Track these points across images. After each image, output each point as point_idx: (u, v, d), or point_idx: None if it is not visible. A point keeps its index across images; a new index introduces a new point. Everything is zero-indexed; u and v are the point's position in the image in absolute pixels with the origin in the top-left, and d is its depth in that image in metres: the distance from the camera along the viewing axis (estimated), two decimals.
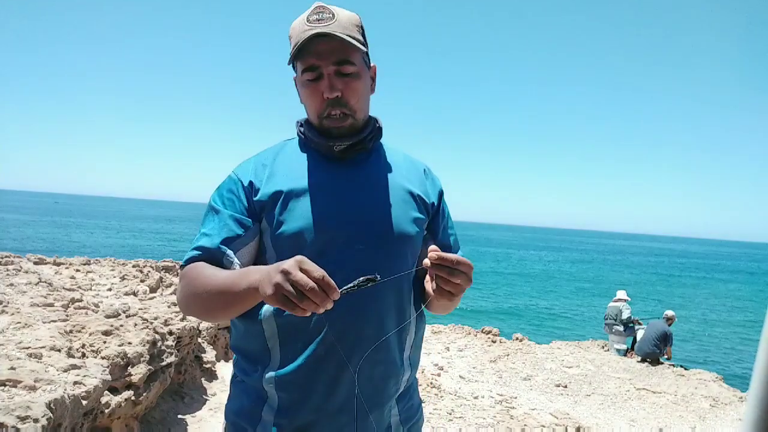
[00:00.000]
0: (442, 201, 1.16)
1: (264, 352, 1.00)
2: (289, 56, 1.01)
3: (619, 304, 8.11)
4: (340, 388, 0.97)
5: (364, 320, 0.97)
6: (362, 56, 1.03)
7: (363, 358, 0.96)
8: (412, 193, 1.08)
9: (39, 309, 2.83)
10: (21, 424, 1.59)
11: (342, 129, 1.01)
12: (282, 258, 0.94)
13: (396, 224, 1.02)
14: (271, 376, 0.99)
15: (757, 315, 21.25)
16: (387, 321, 1.00)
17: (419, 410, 1.15)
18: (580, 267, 44.29)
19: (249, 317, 1.02)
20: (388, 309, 1.00)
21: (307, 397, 0.97)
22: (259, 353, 1.01)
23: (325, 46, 0.96)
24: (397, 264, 1.01)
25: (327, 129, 1.01)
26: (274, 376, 0.98)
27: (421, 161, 1.18)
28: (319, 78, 0.98)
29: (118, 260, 5.66)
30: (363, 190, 1.04)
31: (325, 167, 1.04)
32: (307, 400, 0.97)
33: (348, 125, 1.01)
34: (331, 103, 0.99)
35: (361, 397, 0.98)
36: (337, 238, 0.98)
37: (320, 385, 0.97)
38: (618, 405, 5.04)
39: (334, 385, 0.97)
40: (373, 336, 0.97)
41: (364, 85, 1.03)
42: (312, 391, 0.97)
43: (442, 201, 1.16)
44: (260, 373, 1.00)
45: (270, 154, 1.08)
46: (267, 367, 1.00)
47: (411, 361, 1.09)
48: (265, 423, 1.00)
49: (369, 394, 0.99)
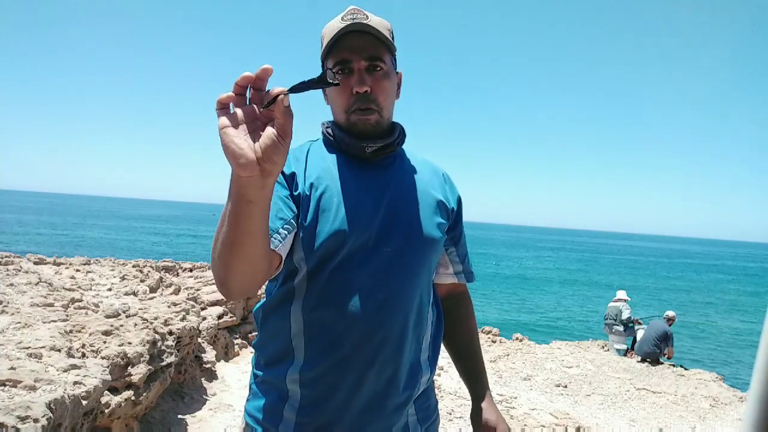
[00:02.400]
0: (460, 207, 1.17)
1: (288, 350, 1.01)
2: (321, 54, 1.02)
3: (619, 304, 8.11)
4: (364, 388, 0.98)
5: (391, 320, 0.98)
6: (392, 58, 1.04)
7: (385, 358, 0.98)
8: (435, 197, 1.09)
9: (39, 309, 2.83)
10: (21, 424, 1.59)
11: (368, 124, 1.00)
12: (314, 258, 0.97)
13: (423, 228, 1.03)
14: (295, 373, 0.99)
15: (757, 315, 21.26)
16: (409, 322, 1.01)
17: (436, 410, 1.17)
18: (580, 267, 44.30)
19: (277, 314, 1.03)
20: (409, 310, 1.01)
21: (331, 395, 0.98)
22: (283, 351, 1.01)
23: (358, 41, 0.98)
24: (422, 267, 1.03)
25: (353, 124, 1.01)
26: (298, 373, 0.99)
27: (440, 167, 1.19)
28: (349, 73, 0.99)
29: (118, 260, 5.66)
30: (392, 193, 1.04)
31: (354, 169, 1.04)
32: (330, 398, 0.98)
33: (374, 121, 1.01)
34: (360, 99, 0.99)
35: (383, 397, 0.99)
36: (367, 240, 0.98)
37: (345, 383, 0.97)
38: (618, 405, 5.04)
39: (358, 385, 0.97)
40: (397, 336, 0.99)
41: (392, 85, 1.04)
42: (336, 389, 0.98)
43: (460, 207, 1.17)
44: (284, 371, 1.00)
45: (301, 152, 1.07)
46: (291, 365, 1.00)
47: (430, 362, 1.10)
48: (287, 421, 1.00)
49: (389, 394, 1.00)
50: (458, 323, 1.24)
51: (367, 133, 1.02)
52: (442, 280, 1.21)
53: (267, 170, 0.65)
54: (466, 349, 1.23)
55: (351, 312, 0.96)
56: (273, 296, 1.05)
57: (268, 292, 1.07)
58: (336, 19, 1.00)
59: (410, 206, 1.04)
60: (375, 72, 1.00)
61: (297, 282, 1.00)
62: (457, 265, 1.20)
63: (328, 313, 0.97)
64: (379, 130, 1.03)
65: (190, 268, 5.97)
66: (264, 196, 0.70)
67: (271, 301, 1.05)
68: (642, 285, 30.76)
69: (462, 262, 1.21)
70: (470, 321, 1.27)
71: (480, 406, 1.16)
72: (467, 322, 1.26)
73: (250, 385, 1.11)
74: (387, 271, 0.98)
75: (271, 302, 1.05)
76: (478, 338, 1.27)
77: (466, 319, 1.26)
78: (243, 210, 0.70)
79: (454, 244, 1.18)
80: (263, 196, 0.70)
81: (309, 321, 0.98)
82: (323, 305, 0.97)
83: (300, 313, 0.99)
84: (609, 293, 12.61)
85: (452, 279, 1.21)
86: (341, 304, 0.96)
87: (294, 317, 1.00)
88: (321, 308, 0.97)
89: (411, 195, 1.06)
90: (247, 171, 0.64)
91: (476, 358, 1.23)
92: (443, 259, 1.18)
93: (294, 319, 1.00)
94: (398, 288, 0.99)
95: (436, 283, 1.20)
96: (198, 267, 6.00)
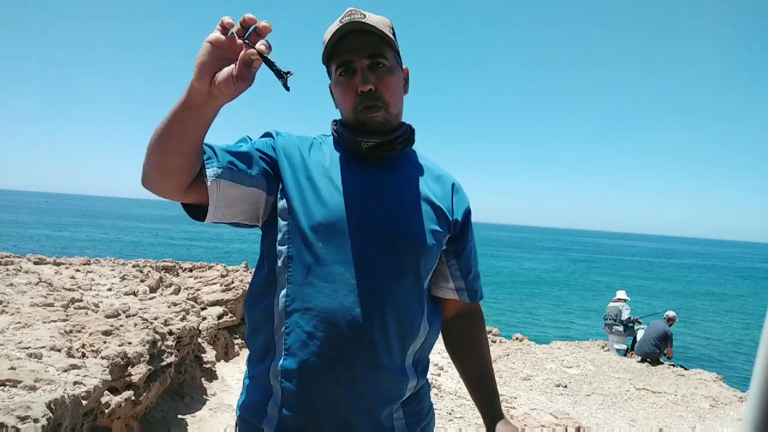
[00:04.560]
0: (468, 219, 1.14)
1: (271, 344, 1.01)
2: (323, 58, 1.03)
3: (619, 304, 8.11)
4: (342, 387, 0.97)
5: (371, 321, 0.97)
6: (394, 54, 1.04)
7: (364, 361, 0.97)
8: (434, 204, 1.07)
9: (39, 309, 2.83)
10: (21, 424, 1.60)
11: (375, 120, 1.00)
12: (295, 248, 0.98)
13: (412, 234, 1.02)
14: (276, 368, 0.99)
15: (756, 315, 21.26)
16: (391, 326, 1.00)
17: (430, 413, 1.15)
18: (580, 267, 44.30)
19: (259, 307, 1.03)
20: (391, 314, 1.00)
21: (310, 392, 0.97)
22: (267, 345, 1.01)
23: (358, 40, 0.98)
24: (407, 271, 1.01)
25: (361, 122, 1.01)
26: (279, 368, 0.98)
27: (451, 175, 1.16)
28: (352, 73, 0.99)
29: (118, 260, 5.66)
30: (387, 194, 1.03)
31: (352, 167, 1.04)
32: (309, 396, 0.97)
33: (382, 117, 1.00)
34: (365, 97, 0.99)
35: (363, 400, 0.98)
36: (352, 239, 0.97)
37: (323, 381, 0.97)
38: (618, 405, 5.04)
39: (336, 383, 0.97)
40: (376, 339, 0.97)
41: (397, 81, 1.03)
42: (315, 387, 0.97)
43: (468, 219, 1.14)
44: (268, 366, 1.00)
45: (308, 141, 1.08)
46: (273, 359, 1.00)
47: (416, 368, 1.08)
48: (271, 418, 1.00)
49: (369, 395, 0.99)
50: (469, 347, 1.19)
51: (376, 131, 1.01)
52: (443, 294, 1.16)
53: (213, 94, 0.77)
54: (476, 373, 1.18)
55: (329, 310, 0.95)
56: (256, 285, 1.05)
57: (253, 281, 1.07)
58: (335, 22, 1.00)
59: (404, 210, 1.03)
60: (378, 69, 1.00)
61: (278, 271, 1.00)
62: (458, 281, 1.14)
63: (306, 309, 0.96)
64: (388, 127, 1.03)
65: (190, 268, 5.97)
66: (203, 112, 0.80)
67: (254, 291, 1.05)
68: (642, 285, 30.76)
69: (464, 278, 1.14)
70: (481, 345, 1.20)
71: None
72: (478, 347, 1.20)
73: (243, 380, 1.12)
74: (370, 273, 0.97)
75: (254, 292, 1.05)
76: (490, 363, 1.21)
77: (476, 344, 1.20)
78: (181, 111, 0.80)
79: (455, 257, 1.13)
80: (202, 112, 0.80)
81: (289, 316, 0.98)
82: (302, 301, 0.97)
83: (282, 308, 0.99)
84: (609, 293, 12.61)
85: (453, 295, 1.15)
86: (319, 302, 0.96)
87: (276, 311, 1.00)
88: (300, 304, 0.97)
89: (408, 199, 1.04)
90: (201, 84, 0.76)
91: (487, 383, 1.17)
92: (443, 271, 1.13)
93: (276, 313, 1.00)
94: (380, 290, 0.97)
95: (440, 298, 1.16)
96: (198, 267, 6.00)
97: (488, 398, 1.16)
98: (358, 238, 0.98)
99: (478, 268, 1.20)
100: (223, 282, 5.12)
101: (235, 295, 4.92)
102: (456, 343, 1.21)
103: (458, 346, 1.21)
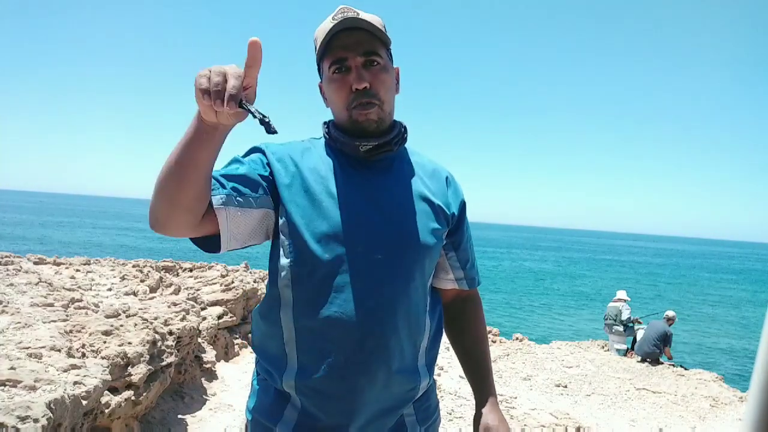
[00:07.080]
0: (463, 211, 1.15)
1: (282, 356, 1.00)
2: (316, 57, 1.02)
3: (619, 304, 8.11)
4: (359, 396, 0.97)
5: (383, 328, 0.97)
6: (387, 52, 1.03)
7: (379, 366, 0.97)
8: (432, 202, 1.07)
9: (39, 309, 2.83)
10: (21, 424, 1.60)
11: (370, 118, 0.99)
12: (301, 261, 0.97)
13: (417, 235, 1.02)
14: (290, 380, 0.99)
15: (756, 315, 21.26)
16: (402, 329, 1.00)
17: (436, 410, 1.16)
18: (580, 267, 44.31)
19: (268, 318, 1.03)
20: (402, 318, 1.00)
21: (327, 403, 0.98)
22: (277, 356, 1.01)
23: (352, 38, 0.97)
24: (414, 274, 1.02)
25: (355, 121, 0.99)
26: (293, 380, 0.98)
27: (444, 168, 1.17)
28: (346, 71, 0.99)
29: (118, 260, 5.66)
30: (386, 198, 1.02)
31: (349, 171, 1.03)
32: (328, 405, 0.98)
33: (376, 115, 0.99)
34: (360, 94, 0.98)
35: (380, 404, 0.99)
36: (356, 248, 0.97)
37: (340, 392, 0.97)
38: (618, 405, 5.04)
39: (353, 392, 0.97)
40: (390, 344, 0.98)
41: (391, 79, 1.03)
42: (332, 398, 0.97)
43: (463, 211, 1.15)
44: (280, 376, 1.00)
45: (298, 149, 1.05)
46: (286, 370, 1.00)
47: (428, 367, 1.09)
48: (287, 420, 1.00)
49: (387, 400, 1.00)
50: (465, 327, 1.22)
51: (370, 130, 1.00)
52: (443, 285, 1.17)
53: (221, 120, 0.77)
54: (470, 353, 1.21)
55: (341, 321, 0.95)
56: (263, 299, 1.05)
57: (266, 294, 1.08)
58: (327, 19, 0.99)
59: (404, 211, 1.03)
60: (372, 67, 0.99)
61: (281, 286, 1.00)
62: (457, 271, 1.16)
63: (317, 321, 0.96)
64: (382, 126, 1.02)
65: (190, 268, 5.97)
66: (214, 136, 0.81)
67: (262, 305, 1.06)
68: (642, 285, 30.76)
69: (463, 268, 1.16)
70: (477, 325, 1.23)
71: (481, 411, 1.15)
72: (474, 326, 1.22)
73: (252, 382, 1.11)
74: (378, 279, 0.97)
75: (262, 306, 1.06)
76: (485, 342, 1.23)
77: (473, 323, 1.22)
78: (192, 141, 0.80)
79: (454, 249, 1.14)
80: (214, 136, 0.81)
81: (299, 329, 0.98)
82: (312, 313, 0.96)
83: (291, 321, 0.99)
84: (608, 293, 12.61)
85: (453, 285, 1.17)
86: (331, 313, 0.95)
87: (285, 324, 0.99)
88: (310, 316, 0.97)
89: (406, 199, 1.04)
90: (208, 117, 0.76)
91: (481, 362, 1.20)
92: (443, 263, 1.15)
93: (285, 326, 0.99)
94: (390, 295, 0.98)
95: (439, 288, 1.18)
96: (198, 267, 6.00)
97: (480, 380, 1.18)
98: (362, 245, 0.97)
99: (474, 255, 1.21)
100: (223, 282, 5.12)
101: (235, 295, 4.92)
102: (453, 324, 1.22)
103: (455, 325, 1.22)
